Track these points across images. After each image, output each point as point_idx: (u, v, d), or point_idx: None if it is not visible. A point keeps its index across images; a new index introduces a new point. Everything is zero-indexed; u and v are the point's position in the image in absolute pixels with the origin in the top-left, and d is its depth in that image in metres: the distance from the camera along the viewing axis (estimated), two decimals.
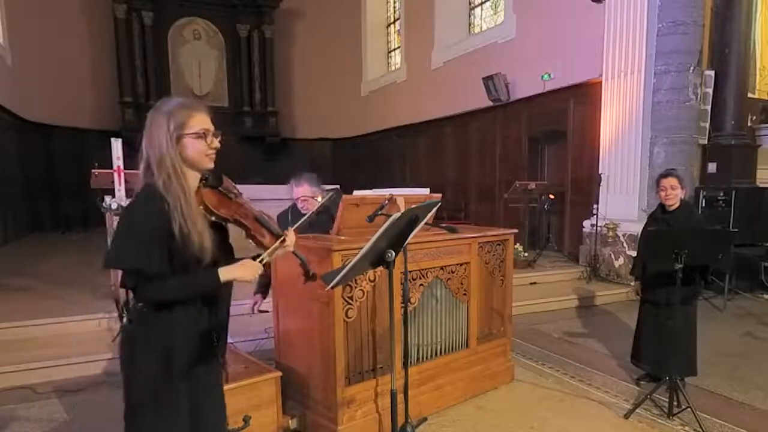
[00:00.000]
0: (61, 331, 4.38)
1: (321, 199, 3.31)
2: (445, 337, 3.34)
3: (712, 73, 6.91)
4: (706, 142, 7.03)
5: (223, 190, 1.71)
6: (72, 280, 5.92)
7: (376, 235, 2.11)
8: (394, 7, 14.01)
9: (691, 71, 6.62)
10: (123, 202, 4.34)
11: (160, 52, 13.46)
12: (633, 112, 6.84)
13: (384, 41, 14.55)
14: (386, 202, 2.92)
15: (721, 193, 6.54)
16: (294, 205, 3.44)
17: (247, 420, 2.58)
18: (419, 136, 12.25)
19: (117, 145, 4.50)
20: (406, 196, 3.09)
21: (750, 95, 7.25)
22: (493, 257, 3.62)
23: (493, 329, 3.66)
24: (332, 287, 2.15)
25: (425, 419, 3.09)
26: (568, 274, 7.06)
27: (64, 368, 3.82)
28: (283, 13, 14.60)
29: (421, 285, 3.16)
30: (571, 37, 7.99)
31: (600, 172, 7.09)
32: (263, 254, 1.68)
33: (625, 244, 6.79)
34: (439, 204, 2.78)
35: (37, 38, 11.54)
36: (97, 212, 4.55)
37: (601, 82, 7.26)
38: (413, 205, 2.34)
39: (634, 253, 5.20)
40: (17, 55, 10.94)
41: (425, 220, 2.57)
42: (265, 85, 14.49)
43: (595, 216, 6.96)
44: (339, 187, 2.85)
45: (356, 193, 3.04)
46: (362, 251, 2.10)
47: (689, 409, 3.07)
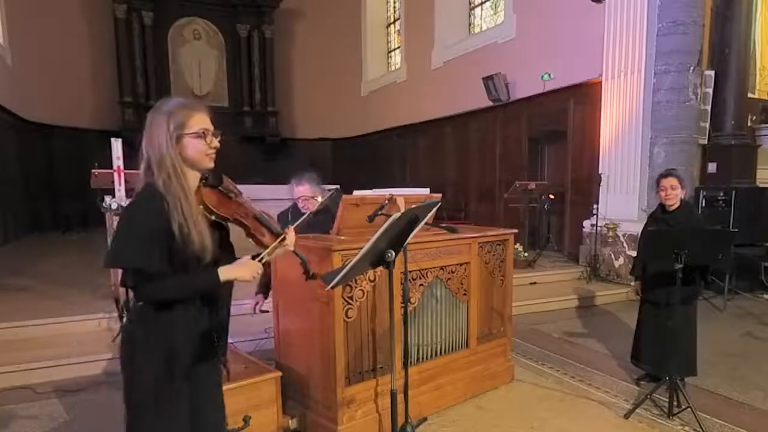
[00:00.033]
0: (61, 331, 4.38)
1: (321, 199, 3.31)
2: (445, 337, 3.34)
3: (712, 73, 6.91)
4: (706, 142, 7.04)
5: (223, 189, 1.71)
6: (72, 280, 5.92)
7: (376, 235, 2.11)
8: (394, 7, 14.00)
9: (691, 71, 6.62)
10: (123, 202, 4.34)
11: (160, 52, 13.46)
12: (633, 112, 6.84)
13: (384, 41, 14.55)
14: (386, 202, 2.92)
15: (721, 193, 6.54)
16: (295, 205, 3.44)
17: (247, 420, 2.58)
18: (419, 136, 12.25)
19: (117, 145, 4.51)
20: (406, 196, 3.09)
21: (750, 95, 7.25)
22: (493, 257, 3.62)
23: (493, 329, 3.67)
24: (332, 287, 2.15)
25: (425, 419, 3.09)
26: (568, 274, 7.06)
27: (64, 368, 3.82)
28: (283, 13, 14.60)
29: (421, 285, 3.16)
30: (571, 37, 7.99)
31: (600, 172, 7.09)
32: (263, 253, 1.68)
33: (625, 244, 6.79)
34: (439, 204, 2.78)
35: (37, 38, 11.54)
36: (97, 212, 4.56)
37: (601, 82, 7.26)
38: (413, 205, 2.34)
39: (634, 253, 5.20)
40: (17, 55, 10.95)
41: (425, 220, 2.57)
42: (265, 85, 14.49)
43: (595, 216, 6.96)
44: (339, 187, 2.85)
45: (356, 193, 3.04)
46: (362, 251, 2.10)
47: (689, 409, 3.07)
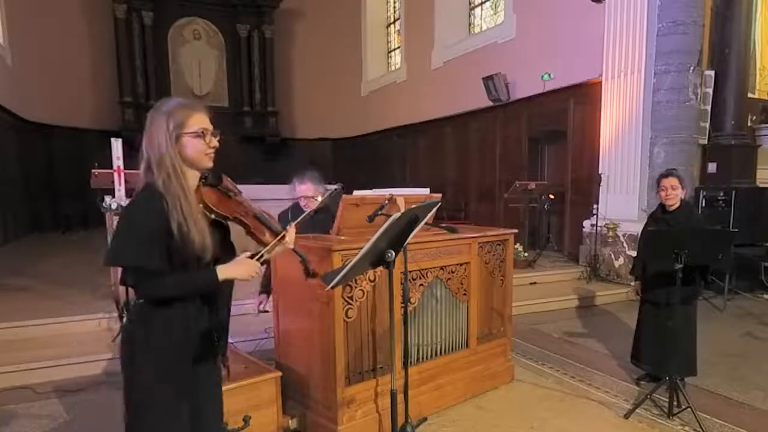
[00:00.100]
0: (61, 331, 4.38)
1: (320, 199, 3.31)
2: (445, 337, 3.34)
3: (712, 73, 6.91)
4: (706, 142, 7.04)
5: (223, 188, 1.72)
6: (72, 280, 5.92)
7: (376, 235, 2.11)
8: (394, 7, 14.00)
9: (691, 71, 6.62)
10: (123, 202, 4.34)
11: (160, 52, 13.47)
12: (633, 112, 6.83)
13: (384, 41, 14.55)
14: (386, 202, 2.92)
15: (721, 193, 6.54)
16: (296, 204, 3.44)
17: (247, 420, 2.58)
18: (419, 136, 12.25)
19: (117, 145, 4.51)
20: (406, 196, 3.09)
21: (750, 95, 7.25)
22: (493, 257, 3.62)
23: (493, 329, 3.66)
24: (332, 287, 2.16)
25: (425, 419, 3.09)
26: (568, 274, 7.06)
27: (64, 368, 3.82)
28: (283, 13, 14.60)
29: (421, 285, 3.16)
30: (571, 37, 7.99)
31: (600, 172, 7.09)
32: (262, 251, 1.69)
33: (625, 244, 6.78)
34: (439, 204, 2.78)
35: (37, 38, 11.54)
36: (97, 212, 4.55)
37: (601, 82, 7.26)
38: (413, 205, 2.34)
39: (634, 253, 5.19)
40: (17, 55, 10.94)
41: (425, 220, 2.57)
42: (265, 85, 14.49)
43: (595, 216, 6.96)
44: (342, 184, 2.84)
45: (356, 193, 3.04)
46: (362, 251, 2.10)
47: (689, 409, 3.07)
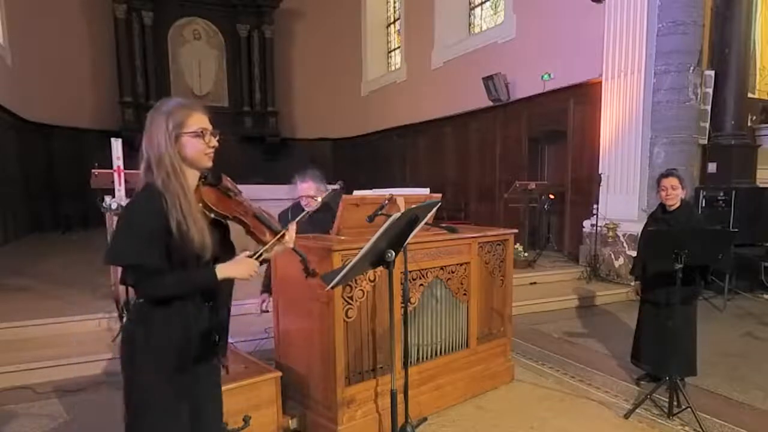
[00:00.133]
0: (61, 331, 4.38)
1: (321, 199, 3.31)
2: (445, 337, 3.34)
3: (712, 73, 6.91)
4: (706, 142, 7.04)
5: (222, 188, 1.72)
6: (72, 280, 5.92)
7: (376, 235, 2.11)
8: (394, 7, 14.00)
9: (691, 71, 6.62)
10: (123, 202, 4.34)
11: (160, 52, 13.47)
12: (633, 112, 6.83)
13: (384, 41, 14.55)
14: (386, 202, 2.92)
15: (721, 193, 6.54)
16: (296, 204, 3.43)
17: (247, 420, 2.58)
18: (419, 136, 12.25)
19: (117, 145, 4.51)
20: (406, 196, 3.09)
21: (750, 95, 7.25)
22: (493, 257, 3.62)
23: (493, 329, 3.66)
24: (332, 287, 2.16)
25: (425, 419, 3.09)
26: (568, 274, 7.06)
27: (64, 368, 3.82)
28: (283, 13, 14.60)
29: (421, 285, 3.16)
30: (571, 37, 7.99)
31: (600, 172, 7.09)
32: (261, 250, 1.69)
33: (625, 244, 6.78)
34: (439, 204, 2.78)
35: (37, 38, 11.54)
36: (97, 212, 4.55)
37: (601, 82, 7.26)
38: (413, 205, 2.34)
39: (634, 253, 5.19)
40: (17, 55, 10.94)
41: (425, 220, 2.57)
42: (265, 85, 14.49)
43: (595, 216, 6.96)
44: (343, 182, 2.83)
45: (356, 193, 3.04)
46: (362, 251, 2.10)
47: (689, 409, 3.07)
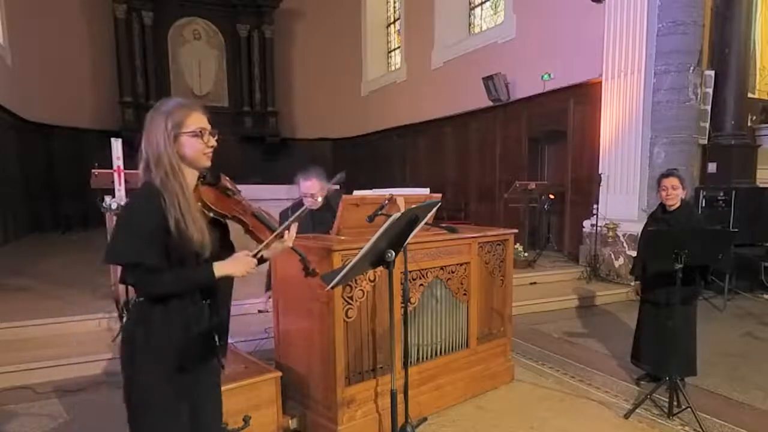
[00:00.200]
0: (61, 331, 4.38)
1: (320, 200, 3.31)
2: (445, 337, 3.34)
3: (712, 73, 6.91)
4: (706, 142, 7.04)
5: (221, 187, 1.73)
6: (72, 280, 5.92)
7: (376, 235, 2.11)
8: (394, 7, 14.00)
9: (691, 71, 6.62)
10: (123, 202, 4.34)
11: (160, 52, 13.46)
12: (633, 112, 6.83)
13: (384, 41, 14.54)
14: (386, 202, 2.92)
15: (721, 193, 6.54)
16: (298, 203, 3.43)
17: (247, 420, 2.58)
18: (419, 136, 12.25)
19: (117, 145, 4.52)
20: (406, 196, 3.09)
21: (750, 95, 7.25)
22: (493, 257, 3.62)
23: (493, 329, 3.66)
24: (332, 287, 2.16)
25: (425, 419, 3.09)
26: (568, 274, 7.06)
27: (64, 368, 3.82)
28: (283, 13, 14.60)
29: (421, 285, 3.16)
30: (571, 37, 7.98)
31: (600, 172, 7.09)
32: (259, 247, 1.69)
33: (625, 244, 6.78)
34: (439, 204, 2.78)
35: (37, 38, 11.54)
36: (97, 212, 4.55)
37: (601, 82, 7.26)
38: (413, 205, 2.34)
39: (634, 253, 5.19)
40: (17, 55, 10.94)
41: (425, 220, 2.57)
42: (265, 85, 14.48)
43: (595, 216, 6.96)
44: (343, 174, 2.83)
45: (356, 193, 3.04)
46: (362, 251, 2.10)
47: (689, 409, 3.07)
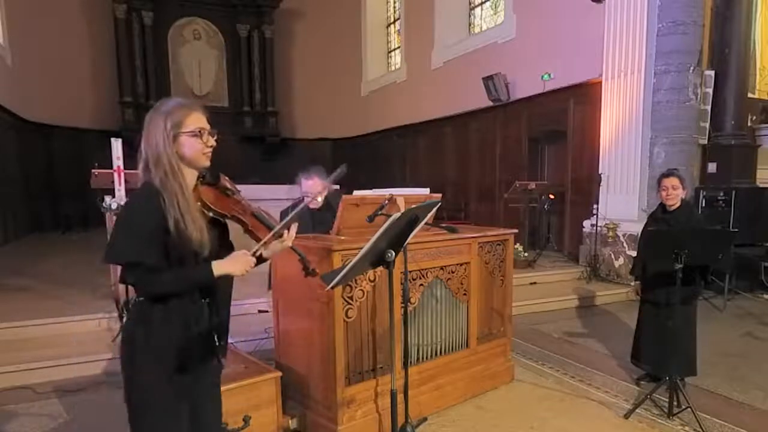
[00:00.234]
0: (61, 331, 4.38)
1: (321, 199, 3.32)
2: (445, 337, 3.34)
3: (712, 73, 6.91)
4: (706, 142, 7.04)
5: (220, 187, 1.73)
6: (72, 280, 5.92)
7: (376, 235, 2.11)
8: (394, 7, 14.00)
9: (691, 71, 6.62)
10: (123, 202, 4.34)
11: (160, 52, 13.46)
12: (633, 112, 6.83)
13: (384, 41, 14.54)
14: (386, 202, 2.92)
15: (721, 193, 6.54)
16: (298, 202, 3.43)
17: (247, 420, 2.58)
18: (419, 136, 12.25)
19: (117, 145, 4.52)
20: (406, 196, 3.09)
21: (750, 95, 7.25)
22: (493, 257, 3.62)
23: (493, 329, 3.66)
24: (332, 287, 2.15)
25: (425, 419, 3.09)
26: (568, 274, 7.06)
27: (64, 368, 3.82)
28: (283, 13, 14.59)
29: (421, 285, 3.16)
30: (571, 37, 7.98)
31: (600, 172, 7.09)
32: (257, 246, 1.69)
33: (625, 244, 6.78)
34: (439, 204, 2.78)
35: (37, 38, 11.54)
36: (97, 212, 4.55)
37: (601, 82, 7.26)
38: (413, 205, 2.34)
39: (634, 253, 5.19)
40: (17, 55, 10.94)
41: (425, 220, 2.57)
42: (265, 85, 14.48)
43: (595, 216, 6.96)
44: (345, 166, 2.83)
45: (356, 193, 3.04)
46: (362, 251, 2.10)
47: (689, 409, 3.07)
